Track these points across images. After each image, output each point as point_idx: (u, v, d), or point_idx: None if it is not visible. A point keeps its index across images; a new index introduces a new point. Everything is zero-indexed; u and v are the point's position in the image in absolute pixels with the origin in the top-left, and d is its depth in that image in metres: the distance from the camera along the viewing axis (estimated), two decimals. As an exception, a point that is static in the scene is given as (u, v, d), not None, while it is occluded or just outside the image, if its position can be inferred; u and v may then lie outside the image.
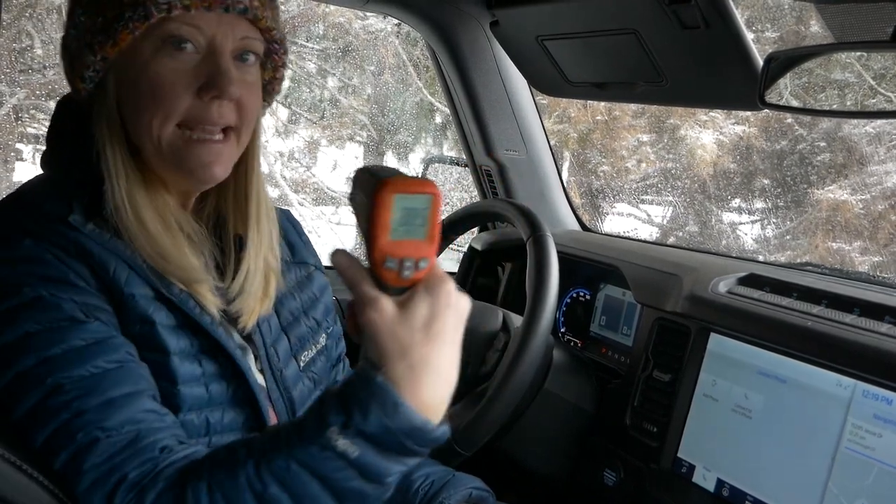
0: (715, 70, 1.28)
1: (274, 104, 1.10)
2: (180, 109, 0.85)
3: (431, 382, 0.73)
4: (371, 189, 0.72)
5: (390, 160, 6.41)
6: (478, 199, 1.97)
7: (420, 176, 2.08)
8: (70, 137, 0.92)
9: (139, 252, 0.86)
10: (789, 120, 5.35)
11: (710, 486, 1.18)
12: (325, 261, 0.91)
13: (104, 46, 0.84)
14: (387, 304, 0.72)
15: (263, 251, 0.98)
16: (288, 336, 1.03)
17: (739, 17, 1.17)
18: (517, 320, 1.36)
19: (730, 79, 1.27)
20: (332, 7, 5.39)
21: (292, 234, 1.11)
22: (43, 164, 0.94)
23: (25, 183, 0.93)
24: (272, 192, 5.69)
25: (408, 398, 0.71)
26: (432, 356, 0.72)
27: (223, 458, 0.76)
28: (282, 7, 0.98)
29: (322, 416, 0.73)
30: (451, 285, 0.74)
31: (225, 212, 0.99)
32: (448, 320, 0.73)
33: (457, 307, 0.74)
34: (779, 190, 5.50)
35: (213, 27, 0.85)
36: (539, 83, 1.71)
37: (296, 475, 0.72)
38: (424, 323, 0.72)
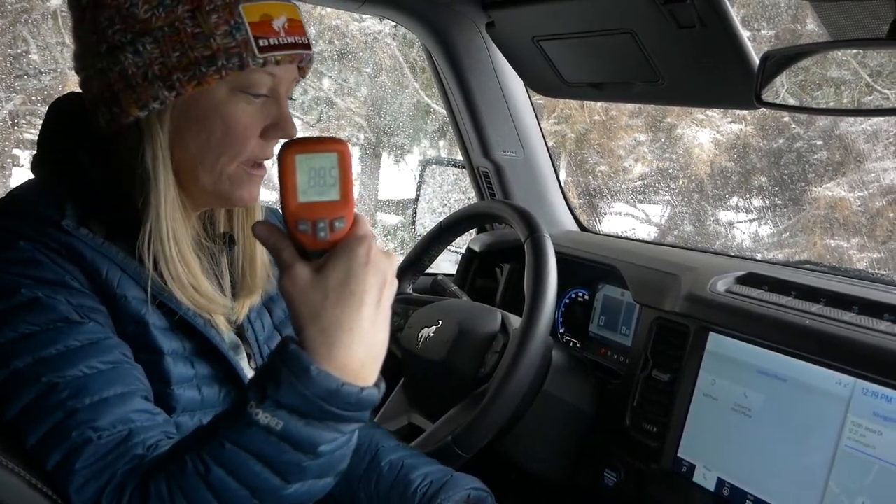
0: (711, 69, 1.28)
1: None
2: (248, 150, 0.88)
3: (347, 343, 0.72)
4: (278, 155, 0.72)
5: (387, 162, 6.40)
6: (475, 200, 1.97)
7: (418, 176, 2.08)
8: (62, 142, 0.92)
9: (172, 285, 0.87)
10: (786, 118, 5.35)
11: (711, 485, 1.17)
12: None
13: (185, 84, 0.83)
14: (300, 270, 0.72)
15: (255, 248, 0.99)
16: (281, 334, 1.04)
17: (735, 15, 1.17)
18: (516, 321, 1.36)
19: (726, 78, 1.27)
20: (329, 9, 5.39)
21: None
22: (33, 169, 0.94)
23: (17, 187, 0.93)
24: (271, 195, 5.69)
25: (322, 362, 0.71)
26: (345, 317, 0.71)
27: (176, 448, 0.76)
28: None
29: (243, 394, 0.73)
30: (370, 244, 0.73)
31: (216, 211, 1.00)
32: (366, 280, 0.72)
33: (376, 265, 0.73)
34: (776, 188, 5.50)
35: (283, 75, 0.89)
36: (536, 84, 1.71)
37: (232, 454, 0.72)
38: (339, 284, 0.71)
